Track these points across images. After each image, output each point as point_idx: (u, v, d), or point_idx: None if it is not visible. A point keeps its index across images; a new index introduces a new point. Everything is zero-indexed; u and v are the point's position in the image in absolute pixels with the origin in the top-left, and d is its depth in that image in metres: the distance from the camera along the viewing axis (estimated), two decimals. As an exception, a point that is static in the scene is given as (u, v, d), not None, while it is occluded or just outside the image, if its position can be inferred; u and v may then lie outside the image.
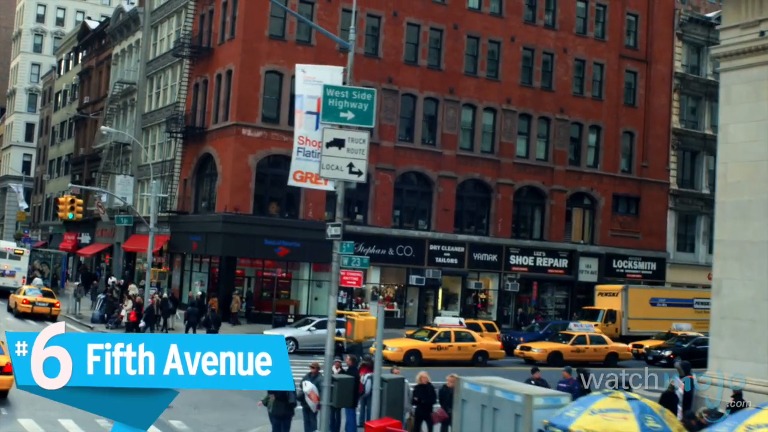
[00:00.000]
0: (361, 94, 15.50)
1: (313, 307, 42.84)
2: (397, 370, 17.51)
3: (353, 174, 15.32)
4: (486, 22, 47.11)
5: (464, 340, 31.96)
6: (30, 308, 38.00)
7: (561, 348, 33.99)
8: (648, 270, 51.88)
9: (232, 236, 40.70)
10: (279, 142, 41.85)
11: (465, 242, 46.10)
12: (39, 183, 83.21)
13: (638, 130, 51.92)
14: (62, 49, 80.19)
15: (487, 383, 13.61)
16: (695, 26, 54.73)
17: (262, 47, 41.72)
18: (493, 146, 47.41)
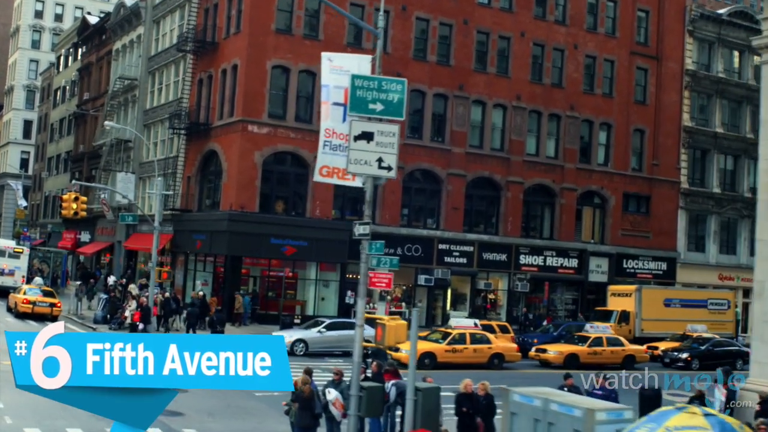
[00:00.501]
0: (392, 84, 14.56)
1: (320, 308, 41.93)
2: (431, 379, 16.48)
3: (382, 169, 14.40)
4: (496, 17, 46.21)
5: (480, 342, 31.06)
6: (30, 308, 37.03)
7: (577, 350, 33.13)
8: (658, 270, 51.02)
9: (238, 235, 39.75)
10: (286, 139, 40.97)
11: (474, 241, 45.20)
12: (37, 180, 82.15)
13: (649, 127, 51.06)
14: (61, 45, 79.12)
15: (541, 395, 12.61)
16: (706, 23, 53.86)
17: (269, 41, 40.76)
18: (502, 144, 46.51)
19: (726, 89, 54.49)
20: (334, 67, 16.48)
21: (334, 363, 30.20)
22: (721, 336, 40.21)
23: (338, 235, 41.24)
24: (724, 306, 44.89)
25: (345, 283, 42.18)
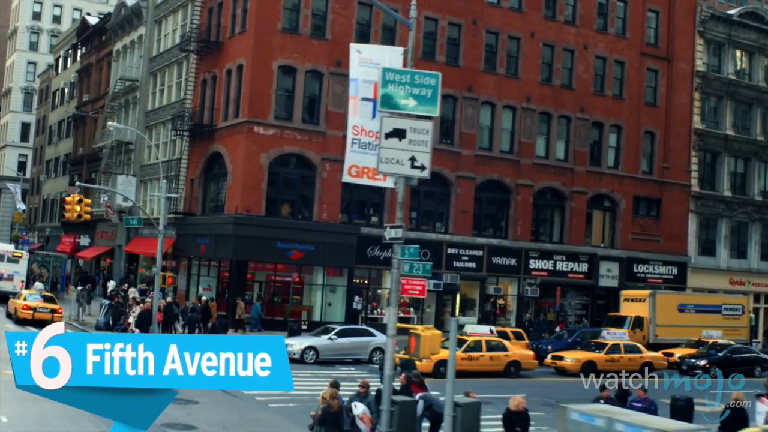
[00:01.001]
0: (425, 78, 13.67)
1: (327, 314, 40.98)
2: (474, 393, 15.49)
3: (415, 168, 13.48)
4: (505, 17, 45.35)
5: (496, 349, 30.11)
6: (31, 314, 36.01)
7: (595, 357, 32.20)
8: (669, 274, 50.14)
9: (244, 239, 38.78)
10: (292, 140, 40.04)
11: (483, 246, 44.29)
12: (35, 184, 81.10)
13: (659, 130, 50.22)
14: (60, 46, 78.12)
15: (603, 413, 11.61)
16: (716, 23, 53.07)
17: (275, 41, 39.83)
18: (512, 146, 45.64)
19: (737, 91, 53.70)
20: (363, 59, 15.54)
21: (347, 371, 29.30)
22: (737, 342, 39.32)
23: (346, 239, 40.38)
24: (738, 311, 44.03)
25: (352, 288, 41.29)
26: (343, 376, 27.97)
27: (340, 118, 40.70)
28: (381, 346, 31.62)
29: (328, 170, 40.22)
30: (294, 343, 30.52)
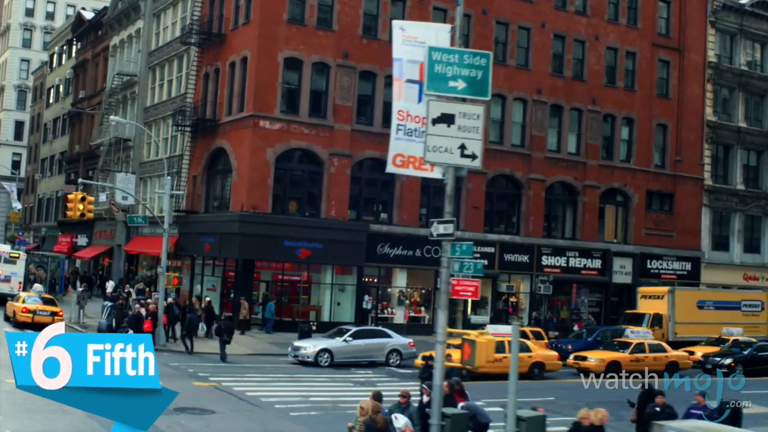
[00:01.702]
0: (475, 57, 12.41)
1: (336, 314, 39.71)
2: (542, 408, 14.20)
3: (465, 157, 12.24)
4: (515, 8, 44.10)
5: (520, 350, 28.77)
6: (30, 317, 34.55)
7: (619, 357, 30.93)
8: (683, 270, 49.01)
9: (250, 237, 37.46)
10: (299, 135, 38.74)
11: (495, 242, 43.06)
12: (30, 183, 79.57)
13: (671, 122, 49.05)
14: (54, 42, 76.56)
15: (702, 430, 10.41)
16: (728, 13, 51.92)
17: (281, 32, 38.49)
18: (523, 139, 44.43)
19: (749, 82, 52.57)
20: (407, 37, 14.27)
21: (364, 374, 28.05)
22: (759, 339, 38.17)
23: (355, 237, 39.11)
24: (758, 308, 42.89)
25: (362, 287, 40.05)
26: (361, 380, 26.75)
27: (348, 111, 39.52)
28: (398, 347, 30.42)
29: (336, 165, 38.98)
30: (307, 345, 29.25)
